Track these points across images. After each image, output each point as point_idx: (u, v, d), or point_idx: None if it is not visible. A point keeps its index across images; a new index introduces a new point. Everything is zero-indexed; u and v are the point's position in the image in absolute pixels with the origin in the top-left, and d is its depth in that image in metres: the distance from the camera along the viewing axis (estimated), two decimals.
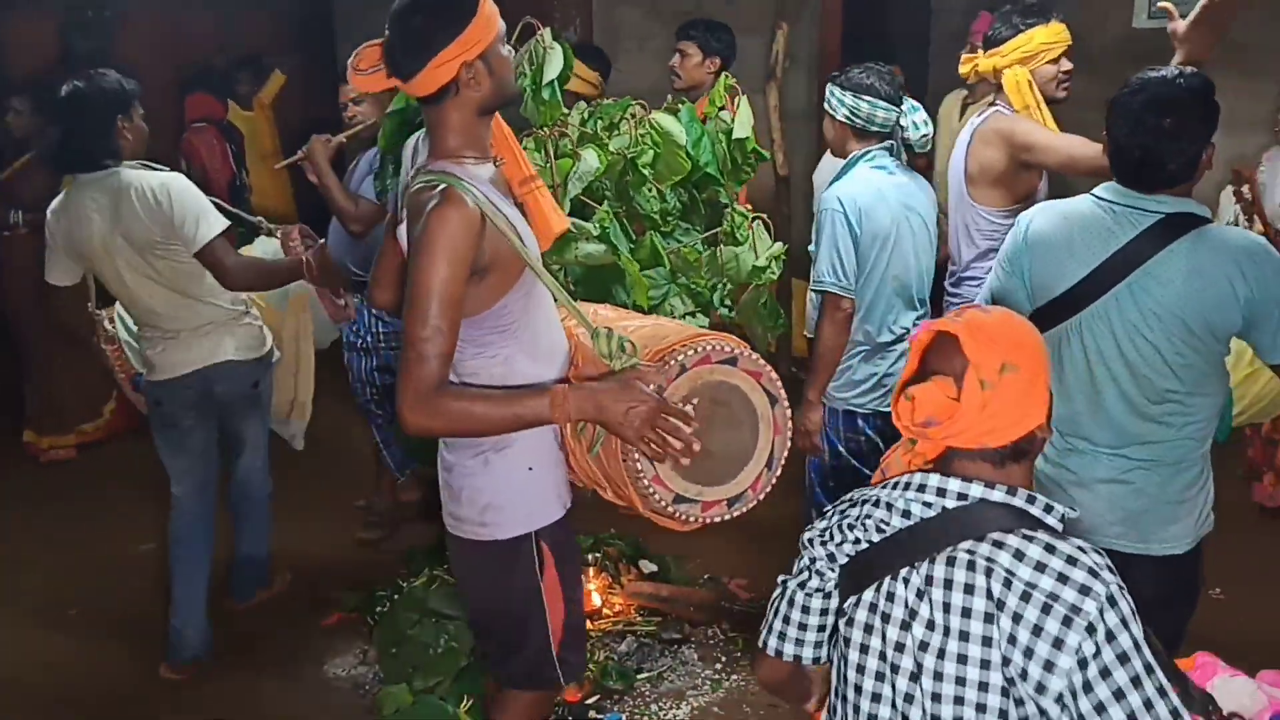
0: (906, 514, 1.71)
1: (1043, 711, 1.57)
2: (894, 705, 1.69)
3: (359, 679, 3.65)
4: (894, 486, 1.75)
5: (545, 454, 2.34)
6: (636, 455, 2.16)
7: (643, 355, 2.21)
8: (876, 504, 1.75)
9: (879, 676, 1.71)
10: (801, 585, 1.85)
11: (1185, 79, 2.39)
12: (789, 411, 2.32)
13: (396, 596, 3.68)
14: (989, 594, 1.60)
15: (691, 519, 2.26)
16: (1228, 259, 2.33)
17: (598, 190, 3.15)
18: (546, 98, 3.05)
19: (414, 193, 2.17)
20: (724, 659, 3.70)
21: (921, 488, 1.71)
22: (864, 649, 1.73)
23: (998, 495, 1.67)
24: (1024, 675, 1.57)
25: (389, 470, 4.58)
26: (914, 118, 3.31)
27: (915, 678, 1.66)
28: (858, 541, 1.76)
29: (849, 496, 1.84)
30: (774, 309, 3.37)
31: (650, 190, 3.23)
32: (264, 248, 3.85)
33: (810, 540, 1.83)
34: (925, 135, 3.33)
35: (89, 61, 4.49)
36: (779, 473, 2.34)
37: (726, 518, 2.30)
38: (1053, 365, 2.37)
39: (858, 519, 1.77)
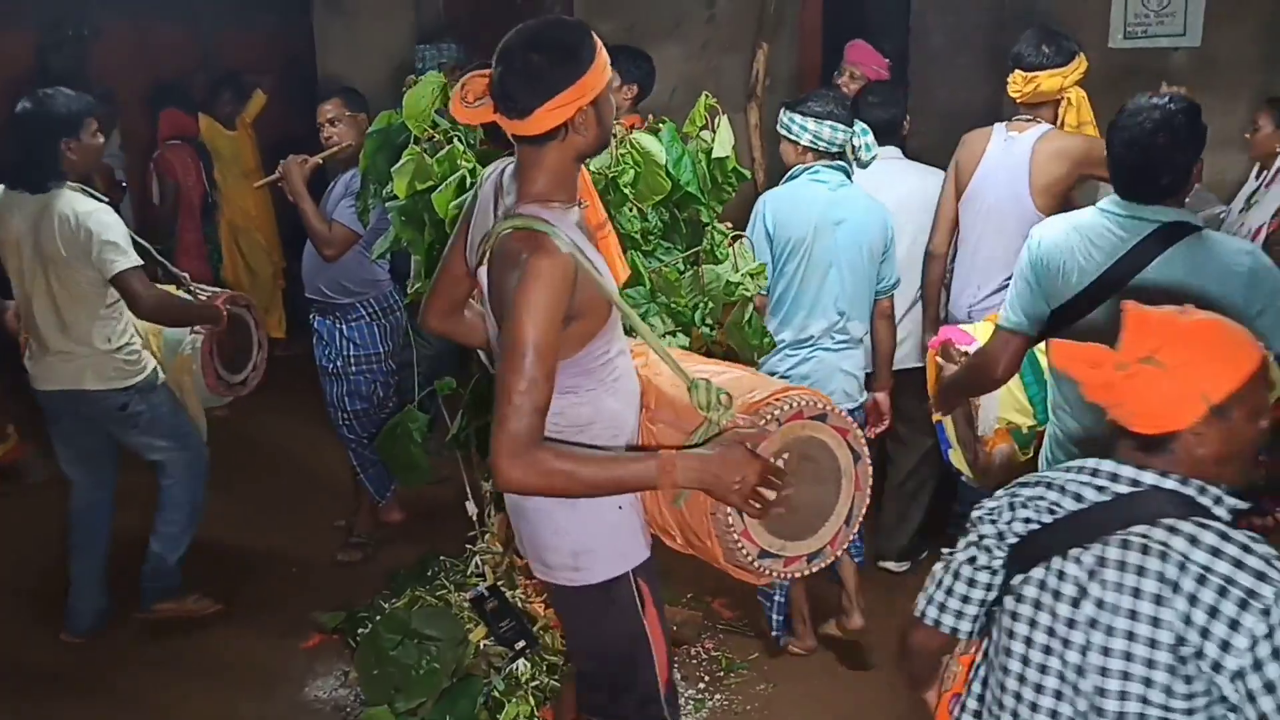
0: (1079, 497, 1.80)
1: (1217, 686, 1.67)
2: (1062, 678, 1.79)
3: (340, 701, 3.63)
4: (1066, 470, 1.85)
5: (632, 495, 2.31)
6: (728, 510, 2.13)
7: (735, 408, 2.17)
8: (1049, 486, 1.84)
9: (1047, 651, 1.80)
10: (970, 561, 1.92)
11: (1176, 103, 2.63)
12: (870, 468, 2.31)
13: (378, 618, 3.66)
14: (1161, 577, 1.68)
15: (773, 574, 2.24)
16: (1221, 261, 2.57)
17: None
18: None
19: (504, 237, 2.11)
20: (707, 678, 3.69)
21: (1095, 472, 1.81)
22: (1033, 624, 1.82)
23: (1170, 483, 1.75)
24: (1200, 654, 1.66)
25: (368, 494, 4.56)
26: (865, 139, 3.64)
27: (1084, 652, 1.76)
28: (1028, 521, 1.84)
29: (1022, 479, 1.92)
30: (760, 327, 3.38)
31: (631, 210, 3.23)
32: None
33: (980, 519, 1.91)
34: (874, 155, 3.67)
35: (64, 79, 4.48)
36: (855, 529, 2.33)
37: (805, 573, 2.30)
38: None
39: (1029, 500, 1.85)
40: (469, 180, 2.96)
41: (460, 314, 2.48)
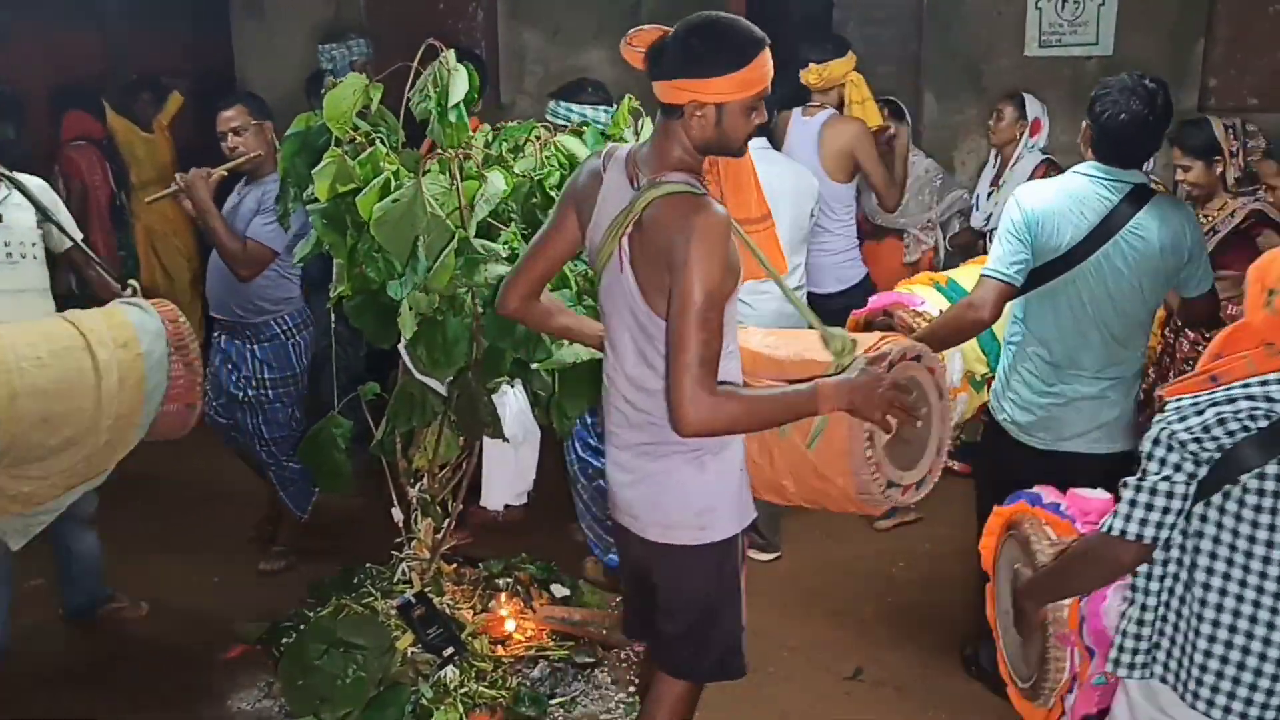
0: None
1: None
2: None
3: (264, 713, 3.55)
4: (1260, 384, 2.03)
5: (744, 457, 2.49)
6: (868, 443, 2.40)
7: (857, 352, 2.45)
8: (1251, 398, 2.02)
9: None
10: (1170, 477, 2.07)
11: (1154, 82, 3.09)
12: (950, 405, 2.61)
13: (303, 627, 3.60)
14: None
15: (893, 500, 2.54)
16: (1181, 215, 3.13)
17: (504, 212, 3.14)
18: (453, 120, 3.03)
19: (659, 201, 2.23)
20: (638, 681, 3.68)
21: None
22: (1256, 524, 2.04)
23: None
24: None
25: (289, 511, 4.45)
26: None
27: None
28: (1232, 434, 2.01)
29: (1211, 396, 2.07)
30: None
31: None
32: (141, 319, 3.19)
33: (1183, 441, 2.05)
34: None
35: None
36: (944, 459, 2.61)
37: (916, 499, 2.60)
38: (1050, 312, 3.15)
39: (1234, 414, 2.02)
40: (392, 182, 2.94)
41: (538, 298, 2.60)
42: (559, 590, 4.01)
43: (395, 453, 3.53)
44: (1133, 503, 2.11)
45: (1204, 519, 2.10)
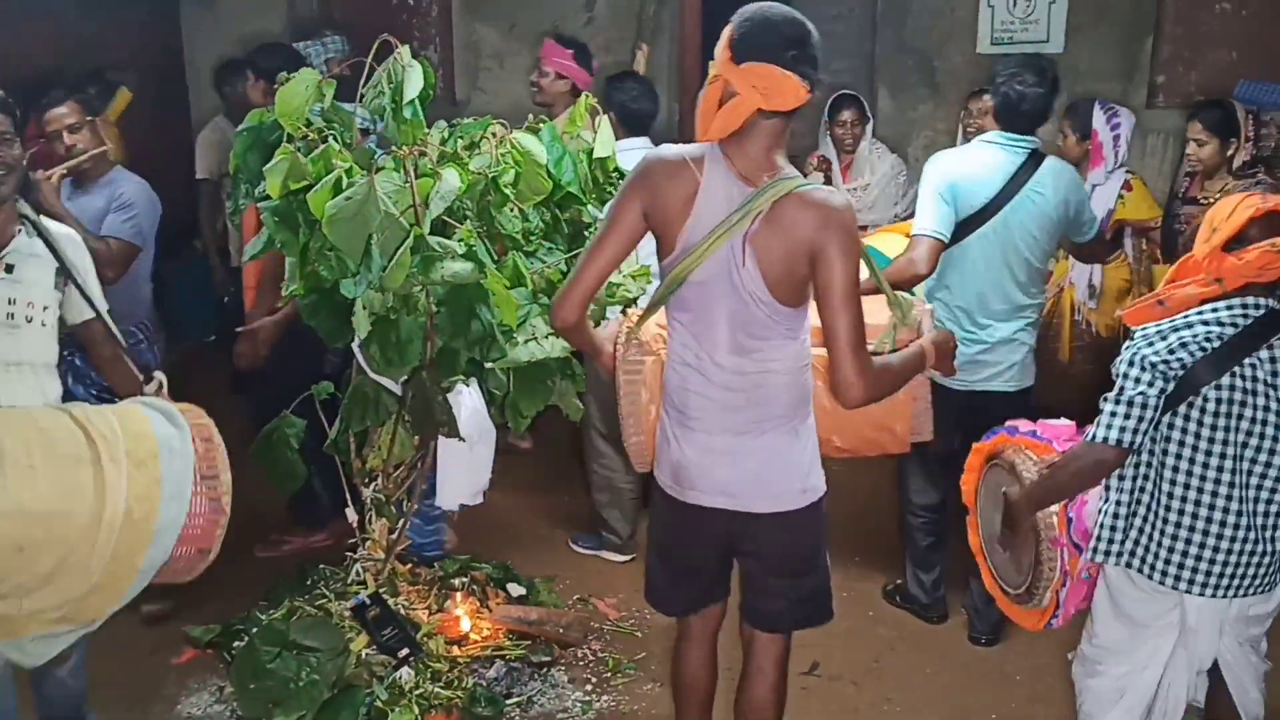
0: (1235, 323, 2.49)
1: None
2: (1248, 459, 2.51)
3: (216, 717, 3.51)
4: (1215, 310, 2.51)
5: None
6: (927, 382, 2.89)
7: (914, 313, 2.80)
8: (1206, 324, 2.51)
9: (1260, 434, 2.51)
10: (1145, 391, 2.50)
11: (1045, 61, 3.68)
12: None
13: (255, 630, 3.55)
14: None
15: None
16: (1069, 175, 3.70)
17: (459, 210, 3.11)
18: (408, 116, 3.01)
19: (789, 194, 2.40)
20: (594, 680, 3.68)
21: (1244, 305, 2.51)
22: (1215, 426, 2.51)
23: (1277, 305, 2.51)
24: None
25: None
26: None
27: (1278, 429, 2.50)
28: (1192, 355, 2.48)
29: (1171, 323, 2.54)
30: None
31: (512, 210, 3.21)
32: (166, 432, 2.44)
33: (1153, 363, 2.49)
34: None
35: None
36: None
37: None
38: (967, 264, 3.62)
39: (1192, 338, 2.49)
40: (345, 180, 2.90)
41: (587, 309, 2.68)
42: (515, 589, 4.00)
43: (349, 453, 3.50)
44: (1113, 414, 2.53)
45: (1171, 426, 2.56)
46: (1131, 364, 2.53)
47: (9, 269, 2.76)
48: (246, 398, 4.36)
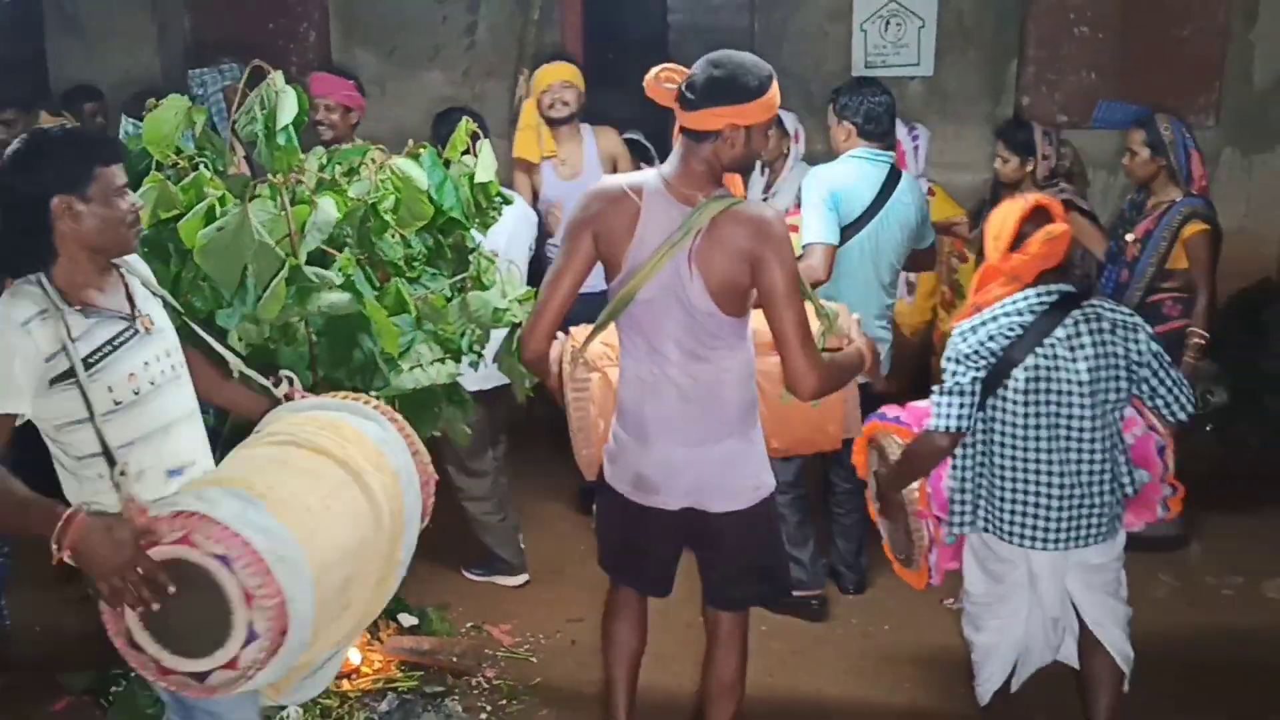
0: (1033, 311, 2.93)
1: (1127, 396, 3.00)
2: (1063, 426, 2.93)
3: None
4: (1013, 301, 2.96)
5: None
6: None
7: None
8: (1009, 315, 2.94)
9: (1065, 403, 2.93)
10: (971, 379, 2.92)
11: (882, 87, 4.09)
12: None
13: (133, 674, 3.43)
14: (1101, 335, 2.93)
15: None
16: (918, 187, 4.15)
17: (338, 237, 3.08)
18: (281, 143, 2.96)
19: (725, 214, 2.63)
20: (489, 708, 3.64)
21: (1038, 295, 2.95)
22: (1029, 401, 2.94)
23: (1070, 288, 2.97)
24: (1132, 365, 2.96)
25: None
26: None
27: (1085, 396, 2.92)
28: (999, 344, 2.91)
29: (972, 322, 2.98)
30: None
31: (393, 236, 3.18)
32: (373, 429, 2.51)
33: (967, 355, 2.93)
34: None
35: None
36: None
37: None
38: (848, 267, 3.86)
39: (997, 330, 2.93)
40: (217, 208, 2.85)
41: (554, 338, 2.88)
42: (407, 619, 3.94)
43: None
44: (939, 404, 2.96)
45: (993, 407, 2.98)
46: (950, 359, 2.97)
47: (152, 322, 2.50)
48: None
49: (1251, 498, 5.07)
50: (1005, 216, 3.02)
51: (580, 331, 3.00)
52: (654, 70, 2.69)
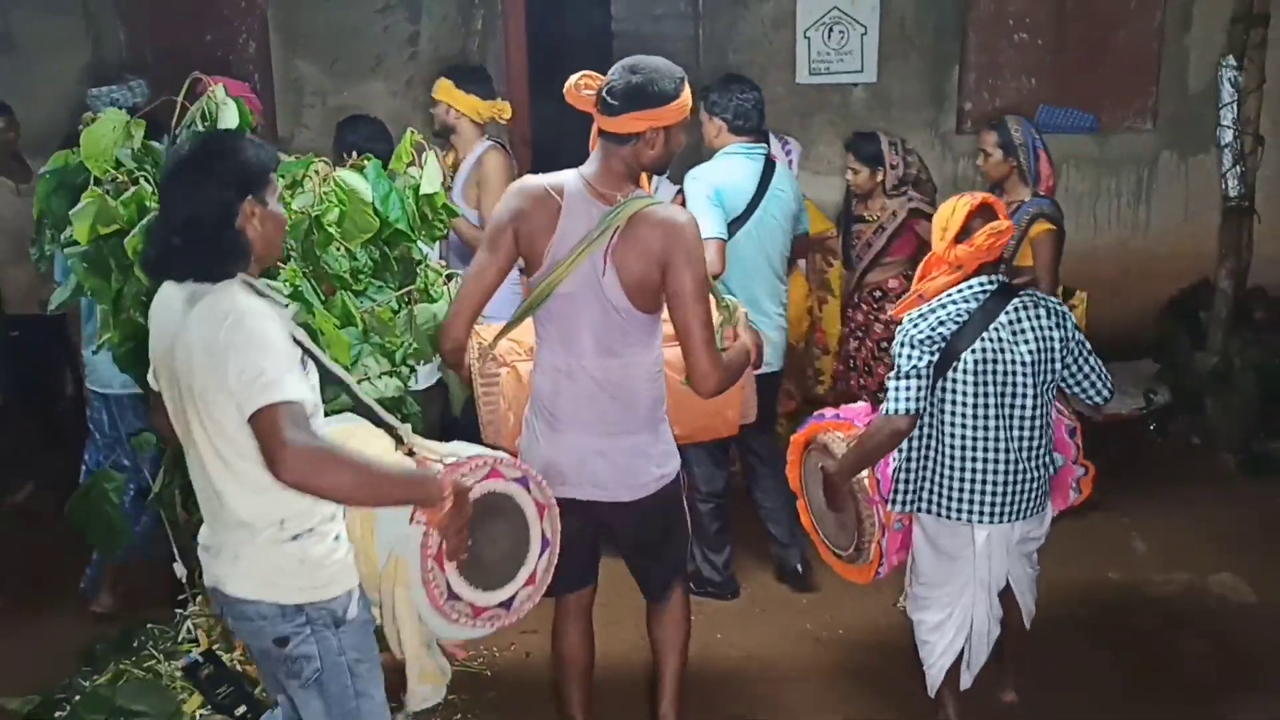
0: (977, 298, 3.11)
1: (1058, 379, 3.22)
2: (1006, 406, 3.11)
3: None
4: (959, 291, 3.13)
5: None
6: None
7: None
8: (955, 303, 3.11)
9: (1010, 384, 3.11)
10: (921, 364, 3.06)
11: (751, 84, 4.30)
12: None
13: (77, 698, 3.37)
14: (1039, 320, 3.14)
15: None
16: (790, 174, 4.43)
17: (283, 250, 3.04)
18: None
19: (640, 214, 2.74)
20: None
21: (981, 284, 3.13)
22: (979, 381, 3.10)
23: (1003, 279, 3.19)
24: (1058, 364, 3.19)
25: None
26: None
27: (1029, 375, 3.11)
28: (949, 330, 3.08)
29: (920, 311, 3.14)
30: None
31: (338, 249, 3.15)
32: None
33: (914, 338, 3.08)
34: None
35: None
36: None
37: None
38: (739, 260, 4.01)
39: (945, 317, 3.09)
40: None
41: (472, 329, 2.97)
42: None
43: (175, 505, 3.36)
44: (896, 388, 3.08)
45: (942, 389, 3.13)
46: (903, 344, 3.10)
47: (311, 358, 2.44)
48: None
49: (1194, 495, 5.17)
50: (953, 211, 3.16)
51: (489, 329, 3.09)
52: (573, 78, 2.80)
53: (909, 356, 3.09)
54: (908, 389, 3.07)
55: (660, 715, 3.27)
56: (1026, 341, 3.11)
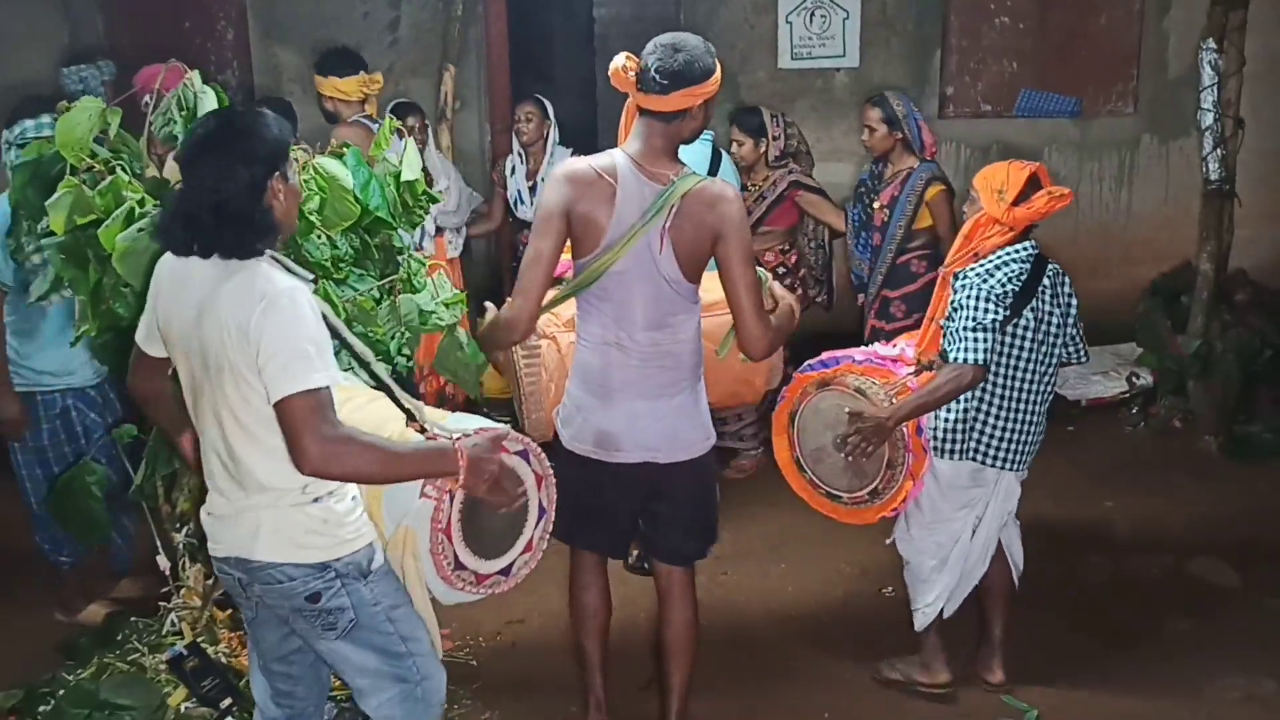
0: (1028, 260, 3.28)
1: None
2: (1053, 362, 3.36)
3: None
4: (1012, 253, 3.28)
5: None
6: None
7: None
8: (1012, 262, 3.26)
9: (1049, 343, 3.34)
10: (994, 318, 3.18)
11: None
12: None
13: (61, 692, 3.35)
14: (1064, 286, 3.40)
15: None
16: (730, 159, 4.75)
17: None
18: None
19: (693, 190, 2.86)
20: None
21: (1025, 247, 3.30)
22: (1034, 336, 3.30)
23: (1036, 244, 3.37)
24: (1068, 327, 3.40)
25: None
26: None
27: (1058, 339, 3.36)
28: (1016, 286, 3.23)
29: (984, 267, 3.25)
30: (475, 350, 3.35)
31: (319, 237, 3.12)
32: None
33: (996, 294, 3.20)
34: None
35: None
36: None
37: None
38: None
39: (1009, 275, 3.24)
40: (136, 211, 2.77)
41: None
42: None
43: (157, 497, 3.34)
44: (973, 339, 3.16)
45: (1006, 344, 3.28)
46: (978, 298, 3.19)
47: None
48: None
49: (1176, 478, 5.19)
50: (1009, 174, 3.31)
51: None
52: (622, 61, 2.89)
53: (985, 310, 3.19)
54: (983, 340, 3.17)
55: (670, 685, 3.25)
56: (1060, 305, 3.35)
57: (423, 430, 2.51)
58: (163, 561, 3.45)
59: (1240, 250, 5.77)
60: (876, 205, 4.86)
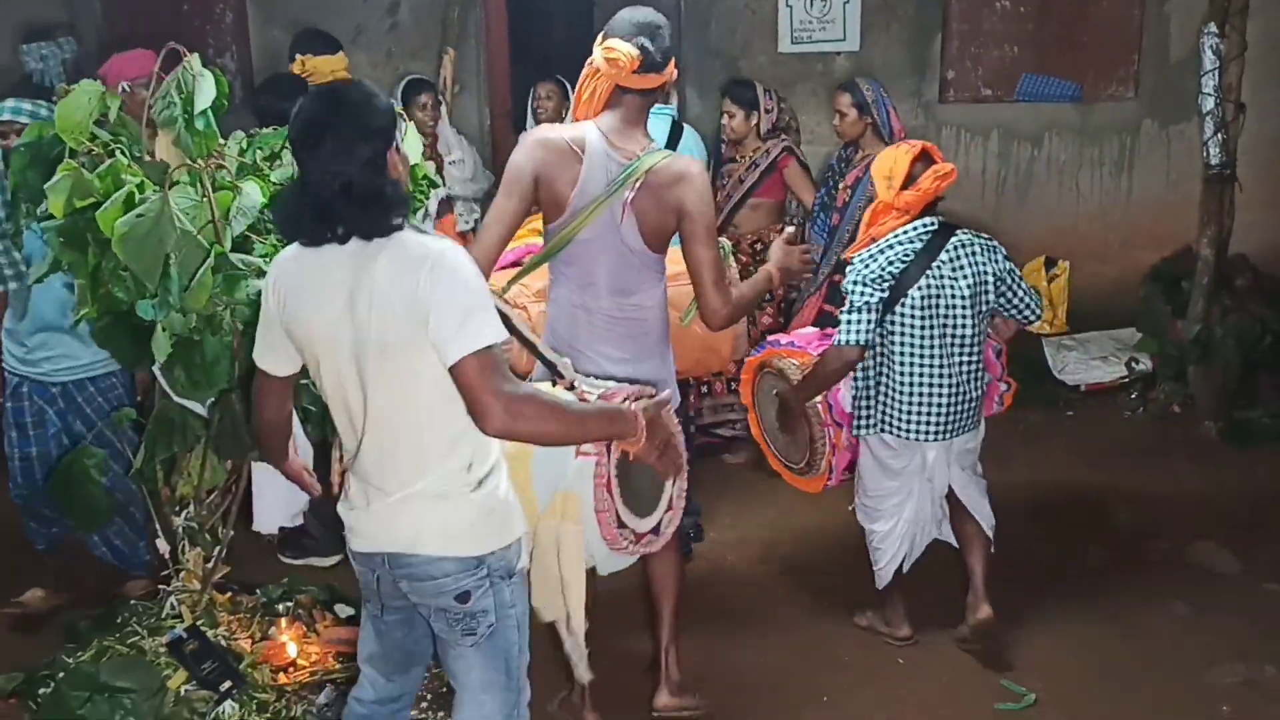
0: (920, 239, 3.46)
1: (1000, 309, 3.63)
2: (950, 339, 3.47)
3: None
4: (903, 234, 3.46)
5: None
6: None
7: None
8: (900, 244, 3.45)
9: (938, 327, 3.46)
10: (873, 299, 3.39)
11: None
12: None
13: (62, 675, 3.35)
14: (974, 256, 3.51)
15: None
16: (693, 131, 4.81)
17: (261, 223, 3.01)
18: (201, 128, 2.88)
19: (657, 165, 2.96)
20: (429, 696, 3.60)
21: (923, 225, 3.47)
22: (924, 318, 3.45)
23: (942, 219, 3.53)
24: (991, 294, 3.55)
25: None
26: None
27: (966, 313, 3.47)
28: (896, 268, 3.42)
29: (870, 251, 3.46)
30: None
31: None
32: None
33: (870, 279, 3.40)
34: None
35: None
36: None
37: None
38: None
39: (893, 257, 3.42)
40: (136, 195, 2.76)
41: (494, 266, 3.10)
42: (343, 610, 3.88)
43: (157, 481, 3.34)
44: (849, 322, 3.41)
45: (891, 323, 3.47)
46: (855, 282, 3.42)
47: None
48: None
49: (1176, 463, 5.20)
50: (895, 160, 3.49)
51: (500, 274, 3.29)
52: (631, 50, 2.93)
53: (861, 293, 3.41)
54: (859, 322, 3.41)
55: (660, 618, 3.41)
56: (965, 276, 3.47)
57: (571, 388, 2.61)
58: (162, 545, 3.45)
59: (1241, 235, 5.76)
60: (840, 186, 5.00)
